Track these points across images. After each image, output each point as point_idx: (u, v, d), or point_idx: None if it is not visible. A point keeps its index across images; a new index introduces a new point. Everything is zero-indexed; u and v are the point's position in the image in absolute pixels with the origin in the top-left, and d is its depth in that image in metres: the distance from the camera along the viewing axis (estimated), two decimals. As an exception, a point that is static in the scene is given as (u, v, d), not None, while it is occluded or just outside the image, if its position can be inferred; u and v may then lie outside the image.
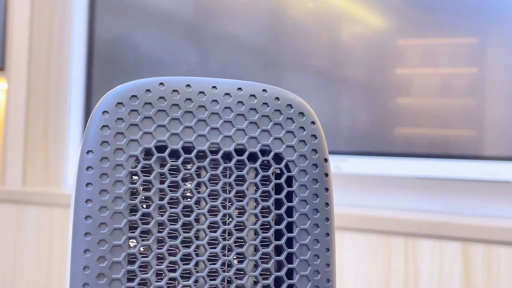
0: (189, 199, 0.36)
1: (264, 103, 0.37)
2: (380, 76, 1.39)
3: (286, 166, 0.38)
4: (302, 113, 0.38)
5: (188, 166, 0.37)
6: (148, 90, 0.36)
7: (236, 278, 0.37)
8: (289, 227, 0.37)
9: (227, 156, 0.37)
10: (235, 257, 0.37)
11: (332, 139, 1.45)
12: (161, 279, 0.35)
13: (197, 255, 0.36)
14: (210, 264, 0.36)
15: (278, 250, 0.38)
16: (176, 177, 0.36)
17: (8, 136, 1.65)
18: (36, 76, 1.67)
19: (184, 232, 0.36)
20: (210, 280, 0.36)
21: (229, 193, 0.37)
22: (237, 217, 0.37)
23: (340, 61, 1.44)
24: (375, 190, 1.49)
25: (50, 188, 1.63)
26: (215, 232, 0.36)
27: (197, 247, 0.36)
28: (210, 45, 1.53)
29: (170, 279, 0.36)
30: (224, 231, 0.37)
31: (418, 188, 1.45)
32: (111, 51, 1.62)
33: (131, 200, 0.35)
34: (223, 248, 0.37)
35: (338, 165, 1.45)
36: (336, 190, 1.52)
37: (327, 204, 0.38)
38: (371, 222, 1.27)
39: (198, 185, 0.37)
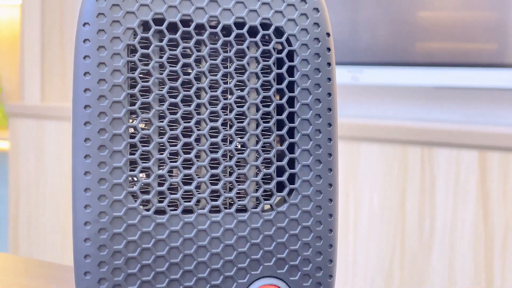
0: (188, 75, 0.36)
1: (263, -25, 0.36)
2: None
3: (287, 40, 0.37)
4: (303, -14, 0.37)
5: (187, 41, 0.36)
6: (143, -39, 0.35)
7: (237, 151, 0.37)
8: (291, 102, 0.37)
9: (226, 31, 0.37)
10: (235, 132, 0.37)
11: (350, 49, 1.43)
12: (163, 152, 0.36)
13: (198, 130, 0.36)
14: (211, 138, 0.36)
15: (280, 125, 0.37)
16: (175, 50, 0.35)
17: (25, 51, 1.65)
18: (50, -10, 1.65)
19: (184, 107, 0.36)
20: (212, 153, 0.36)
21: (229, 68, 0.37)
22: (237, 92, 0.37)
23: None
24: (393, 101, 1.48)
25: (68, 103, 1.64)
26: (215, 107, 0.36)
27: (198, 122, 0.36)
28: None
29: (171, 153, 0.36)
30: (225, 107, 0.37)
31: (437, 98, 1.44)
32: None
33: (129, 74, 0.35)
34: (224, 124, 0.37)
35: (356, 76, 1.44)
36: (353, 101, 1.51)
37: (329, 79, 0.37)
38: (387, 132, 1.27)
39: (198, 61, 0.36)
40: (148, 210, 0.35)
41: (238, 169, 0.37)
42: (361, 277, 1.26)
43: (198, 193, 0.36)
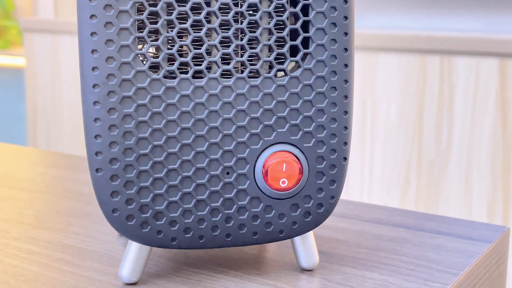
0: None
1: None
2: None
3: None
4: None
5: None
6: None
7: (248, 14, 0.35)
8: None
9: None
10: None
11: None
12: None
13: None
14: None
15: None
16: None
17: (36, -36, 1.62)
18: None
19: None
20: (222, 15, 0.35)
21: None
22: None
23: None
24: (411, 10, 1.44)
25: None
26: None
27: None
28: None
29: (180, 17, 0.35)
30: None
31: (457, 6, 1.40)
32: None
33: None
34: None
35: (374, -15, 1.40)
36: (369, 11, 1.48)
37: None
38: (405, 41, 1.24)
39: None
40: (158, 74, 0.34)
41: (250, 32, 0.35)
42: (378, 187, 1.26)
43: (209, 58, 0.35)
